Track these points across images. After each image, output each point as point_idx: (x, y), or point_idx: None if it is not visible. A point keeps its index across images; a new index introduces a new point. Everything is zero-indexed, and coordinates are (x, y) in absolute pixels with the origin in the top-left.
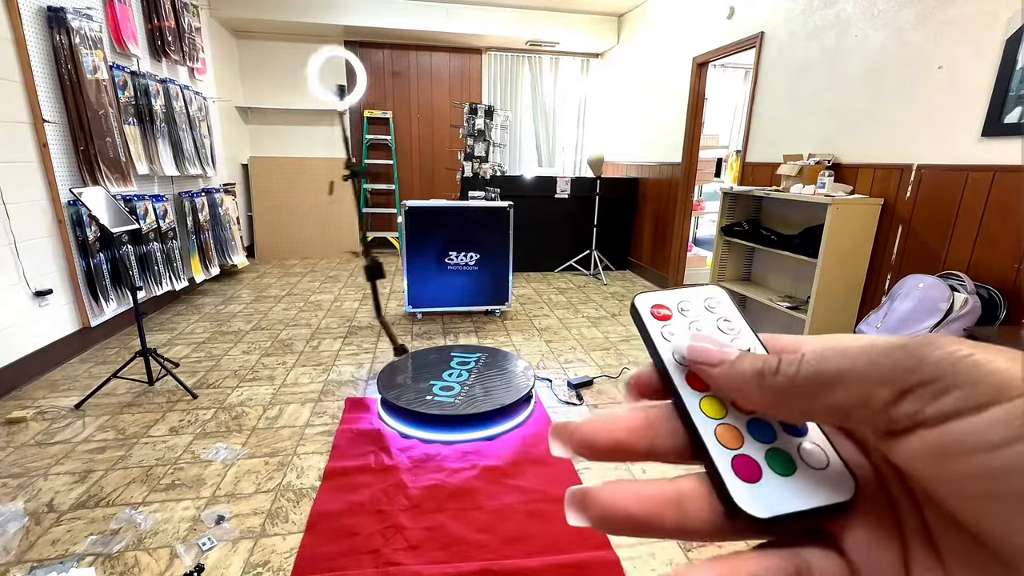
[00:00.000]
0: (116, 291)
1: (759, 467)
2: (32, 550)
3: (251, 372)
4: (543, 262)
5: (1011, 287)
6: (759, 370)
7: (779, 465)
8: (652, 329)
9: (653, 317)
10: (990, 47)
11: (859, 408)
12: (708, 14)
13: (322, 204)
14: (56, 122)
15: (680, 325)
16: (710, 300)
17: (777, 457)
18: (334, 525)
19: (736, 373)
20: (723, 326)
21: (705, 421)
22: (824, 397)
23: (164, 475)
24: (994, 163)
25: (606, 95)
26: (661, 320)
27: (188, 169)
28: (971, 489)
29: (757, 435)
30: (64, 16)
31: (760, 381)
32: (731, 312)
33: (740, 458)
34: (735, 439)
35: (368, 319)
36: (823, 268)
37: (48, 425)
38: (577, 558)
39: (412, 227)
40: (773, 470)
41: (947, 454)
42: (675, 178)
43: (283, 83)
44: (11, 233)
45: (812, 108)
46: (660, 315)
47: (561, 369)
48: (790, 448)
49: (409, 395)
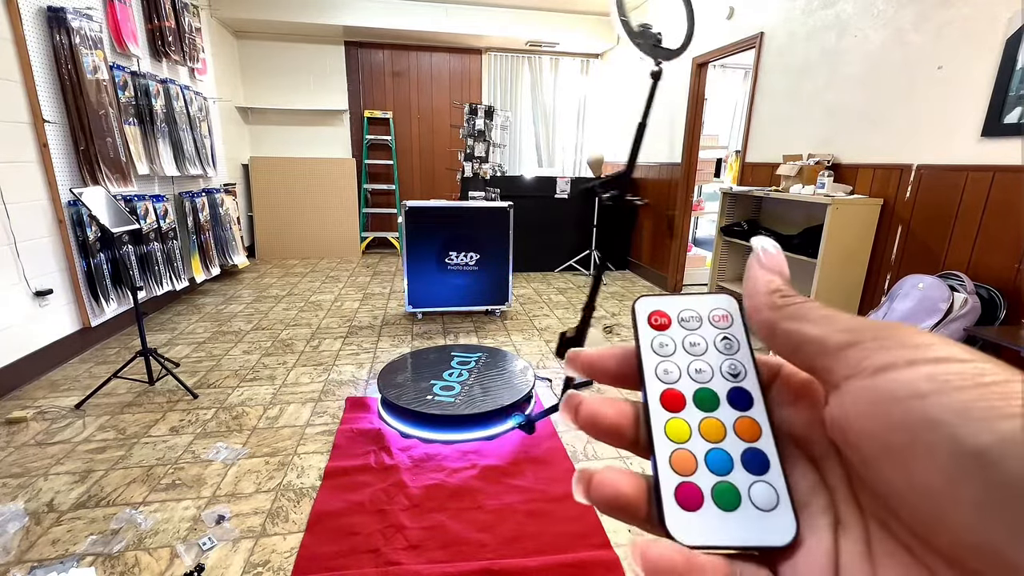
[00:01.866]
0: (116, 291)
1: (702, 497)
2: (32, 550)
3: (251, 372)
4: (543, 262)
5: (1011, 287)
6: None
7: (723, 499)
8: (644, 337)
9: (649, 325)
10: (990, 47)
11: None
12: (708, 14)
13: (322, 204)
14: (56, 122)
15: (673, 338)
16: (716, 312)
17: (724, 491)
18: (334, 525)
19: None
20: (720, 344)
21: (664, 442)
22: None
23: (164, 475)
24: (994, 163)
25: (606, 95)
26: (657, 329)
27: (188, 169)
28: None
29: (713, 466)
30: (64, 16)
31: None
32: (737, 330)
33: (685, 486)
34: (688, 465)
35: (368, 319)
36: (823, 268)
37: (48, 425)
38: (577, 558)
39: (412, 227)
40: (716, 503)
41: (879, 401)
42: (675, 178)
43: (283, 83)
44: (11, 233)
45: (812, 108)
46: (657, 323)
47: (561, 369)
48: (741, 485)
49: (409, 395)
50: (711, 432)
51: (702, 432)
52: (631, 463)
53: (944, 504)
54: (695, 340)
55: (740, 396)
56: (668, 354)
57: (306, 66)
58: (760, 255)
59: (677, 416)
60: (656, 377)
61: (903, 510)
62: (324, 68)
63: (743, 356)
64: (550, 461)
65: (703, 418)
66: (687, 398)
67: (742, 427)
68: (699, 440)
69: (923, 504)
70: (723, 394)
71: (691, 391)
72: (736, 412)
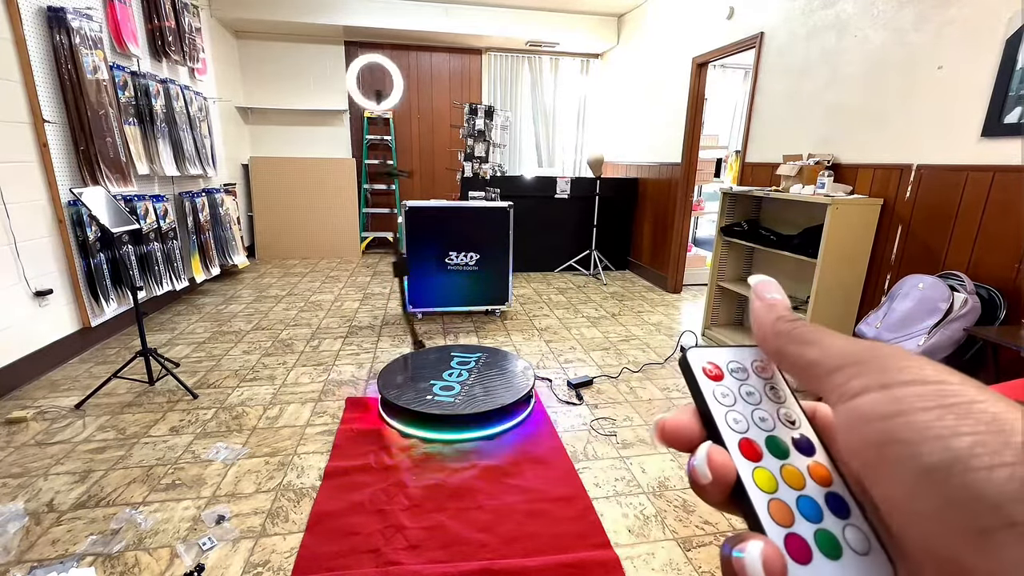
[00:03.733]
0: (116, 291)
1: (810, 549)
2: (32, 550)
3: (251, 372)
4: (543, 262)
5: (1011, 287)
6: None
7: (828, 547)
8: (706, 389)
9: (706, 376)
10: (990, 47)
11: (816, 367)
12: (708, 14)
13: (322, 204)
14: (56, 122)
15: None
16: (757, 363)
17: (826, 539)
18: (334, 525)
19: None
20: (770, 393)
21: (759, 495)
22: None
23: (164, 475)
24: (994, 163)
25: (606, 95)
26: (713, 380)
27: (188, 169)
28: (867, 457)
29: (806, 513)
30: (64, 16)
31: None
32: (779, 380)
33: (792, 537)
34: (787, 516)
35: (368, 319)
36: (822, 268)
37: (48, 425)
38: (577, 558)
39: (412, 227)
40: (823, 552)
41: (856, 422)
42: (675, 178)
43: (283, 83)
44: (11, 233)
45: (812, 108)
46: (712, 374)
47: (561, 369)
48: (836, 530)
49: (409, 395)
50: (793, 480)
51: (786, 480)
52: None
53: (906, 516)
54: (749, 390)
55: (804, 443)
56: (731, 404)
57: (306, 66)
58: (758, 289)
59: (759, 466)
60: (729, 427)
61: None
62: (324, 68)
63: (792, 404)
64: (550, 461)
65: (782, 466)
66: (761, 447)
67: (816, 472)
68: (786, 488)
69: (893, 517)
70: (789, 441)
71: (762, 439)
72: (806, 458)
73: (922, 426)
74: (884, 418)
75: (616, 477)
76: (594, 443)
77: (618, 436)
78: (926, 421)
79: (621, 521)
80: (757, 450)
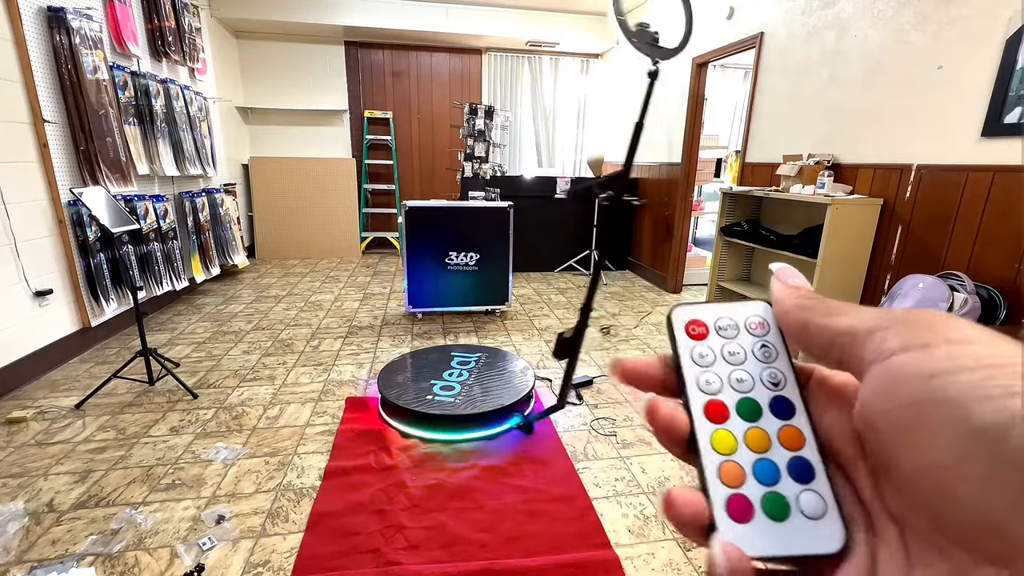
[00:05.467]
0: (116, 291)
1: (752, 509)
2: (32, 550)
3: (251, 372)
4: (543, 262)
5: (1011, 287)
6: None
7: (774, 510)
8: (682, 347)
9: (687, 335)
10: (990, 47)
11: (849, 334)
12: (708, 14)
13: (322, 204)
14: (56, 122)
15: (713, 348)
16: (752, 319)
17: (774, 502)
18: (334, 525)
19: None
20: (759, 352)
21: (713, 456)
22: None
23: (164, 475)
24: (994, 163)
25: (606, 95)
26: (695, 339)
27: (188, 169)
28: (902, 418)
29: (761, 476)
30: (64, 16)
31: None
32: (774, 337)
33: (736, 497)
34: (737, 477)
35: (368, 319)
36: (822, 268)
37: (48, 425)
38: (577, 557)
39: (412, 227)
40: (766, 513)
41: (893, 381)
42: (675, 178)
43: (283, 83)
44: (11, 233)
45: (812, 108)
46: (695, 333)
47: (561, 369)
48: (790, 495)
49: (409, 395)
50: (756, 442)
51: (748, 443)
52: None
53: (951, 481)
54: (734, 349)
55: (782, 405)
56: (708, 364)
57: (306, 66)
58: (779, 272)
59: (722, 427)
60: (698, 388)
61: (917, 494)
62: (324, 68)
63: (782, 364)
64: (550, 461)
65: (747, 428)
66: (730, 409)
67: (786, 436)
68: (745, 451)
69: (931, 483)
70: (765, 403)
71: (733, 401)
72: (779, 421)
73: (971, 385)
74: (927, 376)
75: (616, 477)
76: (594, 443)
77: (618, 436)
78: (976, 380)
79: (621, 521)
80: (724, 412)
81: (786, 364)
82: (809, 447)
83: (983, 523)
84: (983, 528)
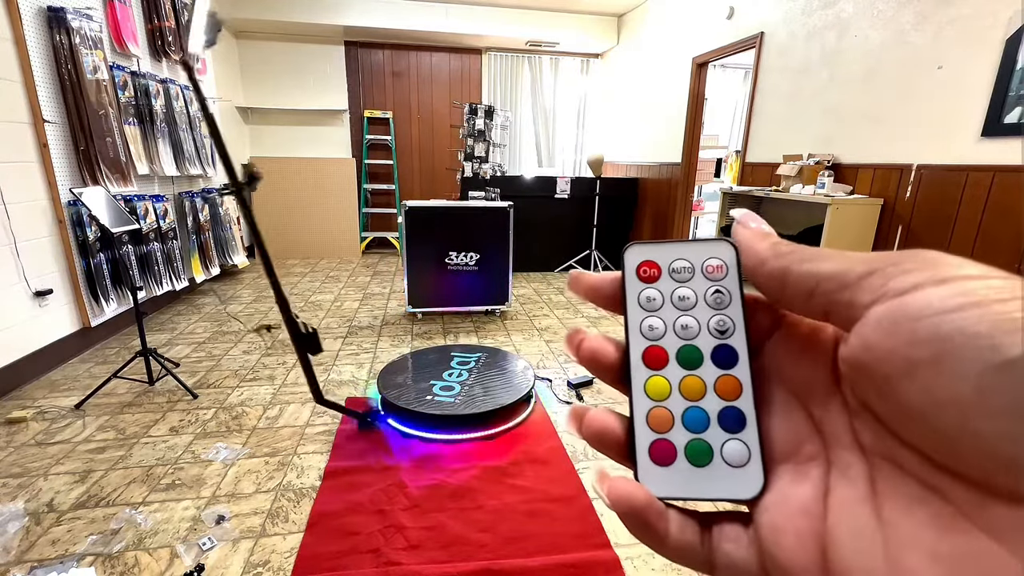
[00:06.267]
0: (116, 291)
1: (675, 453)
2: (32, 550)
3: (251, 372)
4: (543, 262)
5: None
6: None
7: (695, 456)
8: (630, 291)
9: (638, 277)
10: (990, 47)
11: (835, 279)
12: (708, 14)
13: (322, 204)
14: (56, 122)
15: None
16: (711, 262)
17: (697, 448)
18: (334, 525)
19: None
20: (711, 299)
21: (643, 400)
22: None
23: (164, 475)
24: (994, 163)
25: (606, 95)
26: (645, 281)
27: (188, 169)
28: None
29: (690, 424)
30: (64, 16)
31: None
32: (731, 282)
33: (660, 442)
34: (665, 423)
35: (368, 319)
36: None
37: (48, 425)
38: (577, 558)
39: (412, 227)
40: (688, 459)
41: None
42: (675, 178)
43: (283, 83)
44: (11, 233)
45: (812, 108)
46: (646, 275)
47: (561, 369)
48: (715, 442)
49: (409, 395)
50: (691, 390)
51: (682, 391)
52: None
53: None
54: (684, 294)
55: (725, 354)
56: (655, 309)
57: (306, 66)
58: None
59: (658, 374)
60: (640, 334)
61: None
62: (324, 68)
63: (733, 311)
64: (550, 461)
65: (684, 376)
66: (670, 356)
67: (723, 386)
68: (678, 398)
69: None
70: (708, 352)
71: (675, 348)
72: (719, 370)
73: (998, 318)
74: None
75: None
76: None
77: None
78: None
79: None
80: (663, 358)
81: (738, 311)
82: (745, 397)
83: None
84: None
